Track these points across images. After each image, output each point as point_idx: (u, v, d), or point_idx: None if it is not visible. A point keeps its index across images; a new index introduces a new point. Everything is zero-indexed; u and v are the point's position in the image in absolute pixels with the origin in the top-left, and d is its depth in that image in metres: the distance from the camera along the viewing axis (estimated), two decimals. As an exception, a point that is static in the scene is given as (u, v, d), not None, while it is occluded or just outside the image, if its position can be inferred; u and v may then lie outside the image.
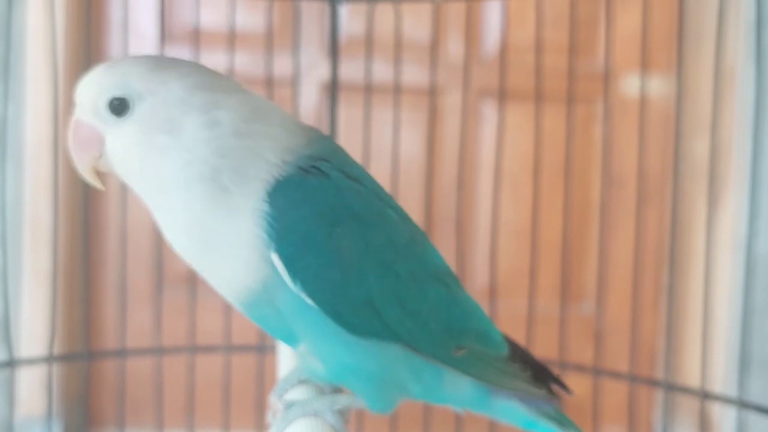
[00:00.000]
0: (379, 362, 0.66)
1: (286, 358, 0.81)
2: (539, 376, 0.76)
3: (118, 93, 0.61)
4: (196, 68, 0.63)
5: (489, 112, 1.83)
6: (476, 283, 1.83)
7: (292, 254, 0.60)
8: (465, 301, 0.72)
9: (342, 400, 0.69)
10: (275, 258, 0.60)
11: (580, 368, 1.23)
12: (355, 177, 0.65)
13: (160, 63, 0.62)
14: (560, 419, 0.77)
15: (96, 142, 0.63)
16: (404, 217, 0.69)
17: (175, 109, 0.61)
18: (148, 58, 0.63)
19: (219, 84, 0.63)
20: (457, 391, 0.72)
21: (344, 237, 0.62)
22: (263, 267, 0.61)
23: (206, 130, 0.60)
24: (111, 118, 0.62)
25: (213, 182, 0.60)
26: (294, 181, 0.61)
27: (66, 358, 1.40)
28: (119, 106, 0.61)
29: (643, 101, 1.38)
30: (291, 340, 0.67)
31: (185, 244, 0.63)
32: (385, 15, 1.40)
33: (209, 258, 0.62)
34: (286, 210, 0.60)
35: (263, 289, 0.62)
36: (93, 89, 0.62)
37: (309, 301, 0.62)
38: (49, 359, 1.22)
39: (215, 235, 0.61)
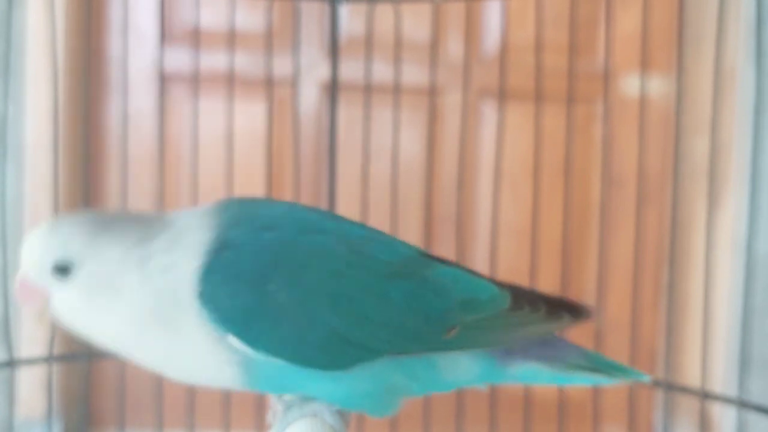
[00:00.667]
0: (370, 381, 0.66)
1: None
2: (554, 310, 0.73)
3: (60, 257, 0.62)
4: (133, 223, 0.64)
5: (489, 112, 1.83)
6: (476, 283, 1.82)
7: (242, 330, 0.62)
8: (437, 278, 0.69)
9: (341, 401, 0.69)
10: (233, 341, 0.62)
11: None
12: (268, 225, 0.65)
13: (99, 224, 0.63)
14: (595, 366, 0.73)
15: (41, 298, 0.64)
16: (342, 229, 0.68)
17: (114, 270, 0.62)
18: (90, 219, 0.64)
19: (151, 233, 0.64)
20: (460, 372, 0.70)
21: (279, 291, 0.62)
22: (233, 355, 0.63)
23: (143, 285, 0.62)
24: (55, 280, 0.63)
25: (159, 323, 0.62)
26: (209, 270, 0.62)
27: (66, 358, 1.40)
28: (62, 270, 0.63)
29: (643, 101, 1.38)
30: (288, 392, 0.69)
31: (165, 372, 0.65)
32: (385, 15, 1.40)
33: (192, 375, 0.66)
34: (215, 297, 0.62)
35: (244, 370, 0.64)
36: (36, 252, 0.63)
37: (279, 361, 0.63)
38: (49, 359, 1.22)
39: (185, 359, 0.64)
